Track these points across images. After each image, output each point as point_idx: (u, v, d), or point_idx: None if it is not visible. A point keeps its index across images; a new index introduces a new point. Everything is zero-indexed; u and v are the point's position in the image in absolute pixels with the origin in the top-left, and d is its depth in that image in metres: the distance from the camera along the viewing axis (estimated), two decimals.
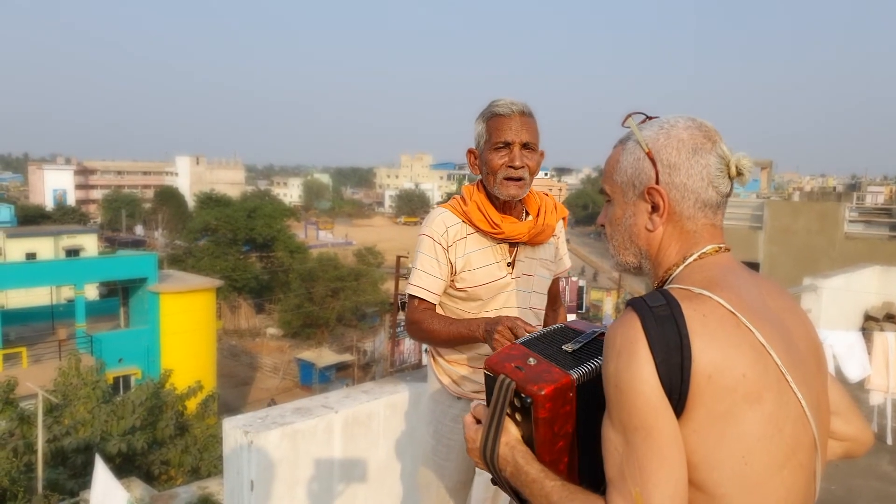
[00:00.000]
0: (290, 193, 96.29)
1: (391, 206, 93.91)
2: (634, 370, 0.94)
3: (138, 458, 12.53)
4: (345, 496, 2.63)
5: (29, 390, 12.79)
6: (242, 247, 39.38)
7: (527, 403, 1.06)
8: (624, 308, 1.02)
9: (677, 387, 0.93)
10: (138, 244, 49.45)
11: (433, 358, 2.22)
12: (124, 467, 11.66)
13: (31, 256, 29.83)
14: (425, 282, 2.09)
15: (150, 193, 74.71)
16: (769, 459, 0.95)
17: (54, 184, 66.75)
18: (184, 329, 20.64)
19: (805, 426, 1.00)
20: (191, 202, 57.38)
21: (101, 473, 6.66)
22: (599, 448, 1.00)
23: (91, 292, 25.66)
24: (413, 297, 2.12)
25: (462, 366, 2.15)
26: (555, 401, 1.05)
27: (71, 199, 66.03)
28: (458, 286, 2.10)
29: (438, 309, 2.16)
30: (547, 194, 2.25)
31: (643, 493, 0.91)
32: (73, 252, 31.37)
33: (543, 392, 1.04)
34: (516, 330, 1.84)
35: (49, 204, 59.94)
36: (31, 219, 44.68)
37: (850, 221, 15.28)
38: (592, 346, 1.15)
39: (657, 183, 1.09)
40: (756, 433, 0.94)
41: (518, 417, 1.11)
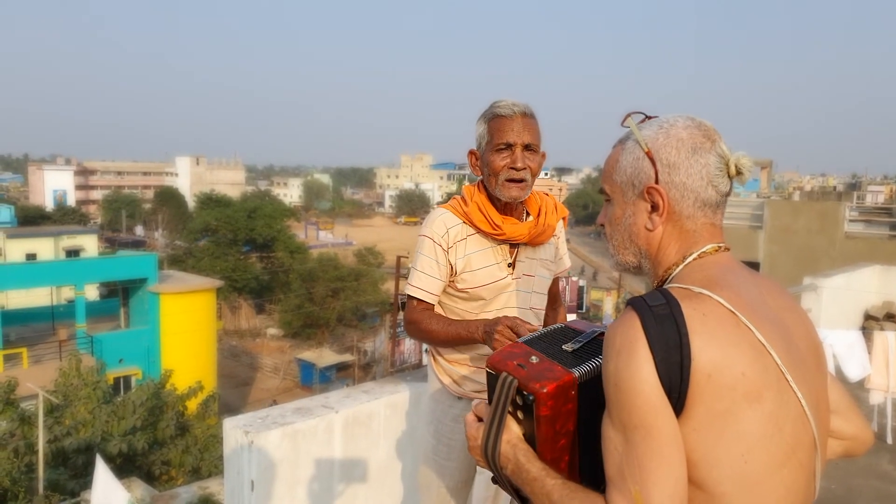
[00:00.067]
0: (291, 194, 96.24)
1: (391, 207, 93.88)
2: (634, 369, 0.94)
3: (139, 459, 12.54)
4: (345, 496, 2.63)
5: (29, 391, 12.80)
6: (243, 247, 39.37)
7: (529, 401, 1.06)
8: (624, 307, 1.02)
9: (677, 385, 0.93)
10: (138, 244, 49.50)
11: (433, 358, 2.22)
12: (125, 467, 11.67)
13: (32, 257, 29.84)
14: (424, 283, 2.10)
15: (151, 194, 74.67)
16: (769, 458, 0.95)
17: (54, 184, 66.74)
18: (184, 329, 20.64)
19: (805, 425, 1.00)
20: (191, 202, 57.37)
21: (102, 474, 6.68)
22: (600, 447, 1.00)
23: (91, 293, 25.68)
24: (412, 298, 2.12)
25: (462, 365, 2.15)
26: (557, 398, 1.06)
27: (71, 200, 66.02)
28: (460, 287, 2.10)
29: (438, 309, 2.17)
30: (547, 194, 2.24)
31: (643, 492, 0.92)
32: (74, 252, 31.36)
33: (546, 390, 1.05)
34: (517, 329, 1.84)
35: (49, 204, 59.93)
36: (32, 219, 44.66)
37: (851, 221, 15.28)
38: (592, 346, 1.16)
39: (657, 182, 1.09)
40: (756, 432, 0.94)
41: (520, 415, 1.11)
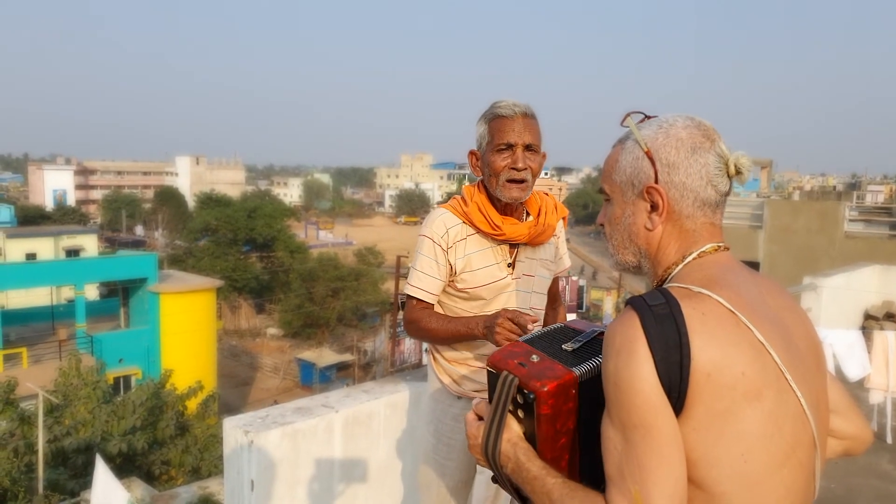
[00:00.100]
0: (291, 193, 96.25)
1: (391, 206, 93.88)
2: (634, 368, 0.94)
3: (139, 459, 12.53)
4: (345, 496, 2.63)
5: (29, 391, 12.79)
6: (243, 247, 39.37)
7: (529, 400, 1.07)
8: (623, 307, 1.02)
9: (676, 385, 0.93)
10: (138, 244, 49.48)
11: (433, 357, 2.23)
12: (125, 467, 11.66)
13: (31, 257, 29.83)
14: (424, 282, 2.10)
15: (150, 193, 74.68)
16: (768, 458, 0.96)
17: (54, 184, 66.74)
18: (184, 329, 20.64)
19: (804, 424, 1.00)
20: (191, 202, 57.37)
21: (102, 473, 6.68)
22: (600, 447, 1.00)
23: (91, 292, 25.66)
24: (411, 298, 2.13)
25: (462, 365, 2.15)
26: (557, 397, 1.06)
27: (71, 200, 66.03)
28: (459, 287, 2.10)
29: (438, 309, 2.17)
30: (547, 194, 2.24)
31: (642, 491, 0.92)
32: (73, 252, 31.36)
33: (546, 388, 1.05)
34: (518, 319, 1.84)
35: (49, 204, 59.93)
36: (31, 219, 44.66)
37: (850, 220, 15.27)
38: (592, 345, 1.16)
39: (656, 182, 1.09)
40: (755, 431, 0.94)
41: (520, 414, 1.11)
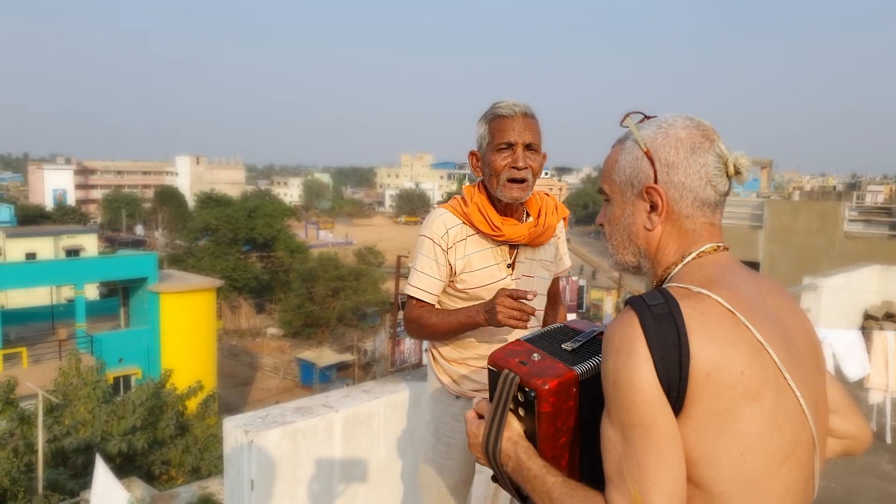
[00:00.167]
0: (291, 193, 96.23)
1: (391, 206, 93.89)
2: (633, 368, 0.95)
3: (139, 458, 12.53)
4: (345, 495, 2.64)
5: (29, 390, 12.79)
6: (243, 246, 39.37)
7: (530, 398, 1.07)
8: (623, 307, 1.02)
9: (676, 385, 0.94)
10: (138, 244, 49.47)
11: (433, 357, 2.23)
12: (125, 467, 11.66)
13: (31, 256, 29.82)
14: (424, 283, 2.10)
15: (150, 193, 74.69)
16: (768, 457, 0.96)
17: (54, 184, 66.77)
18: (184, 329, 20.64)
19: (804, 424, 1.00)
20: (191, 202, 57.35)
21: (102, 473, 6.67)
22: (600, 446, 1.01)
23: (91, 292, 25.66)
24: (411, 298, 2.13)
25: (461, 365, 2.15)
26: (558, 395, 1.06)
27: (71, 199, 66.04)
28: (459, 287, 2.10)
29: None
30: (548, 194, 2.24)
31: (641, 491, 0.92)
32: (73, 252, 31.36)
33: (547, 386, 1.05)
34: (516, 295, 1.86)
35: (49, 204, 59.93)
36: (31, 219, 44.65)
37: (850, 220, 15.27)
38: (592, 345, 1.16)
39: (655, 182, 1.09)
40: (755, 431, 0.94)
41: (521, 412, 1.12)
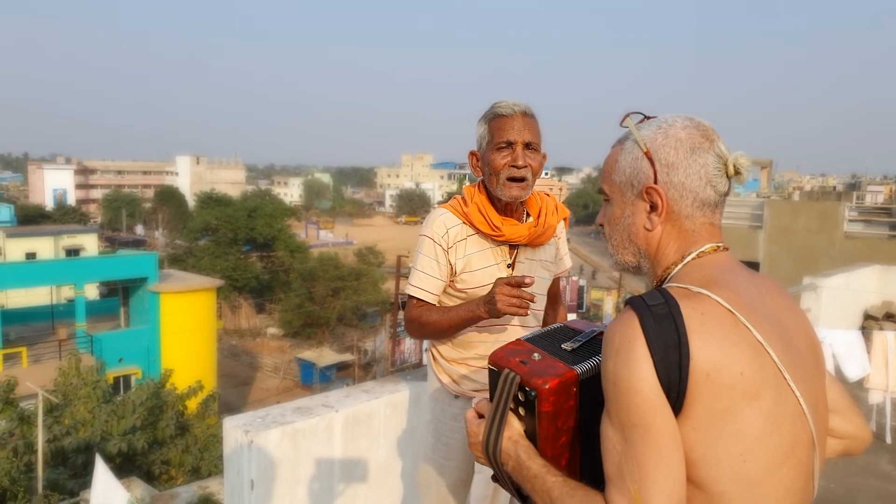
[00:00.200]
0: (291, 193, 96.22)
1: (392, 206, 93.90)
2: (633, 368, 0.95)
3: (139, 458, 12.52)
4: (345, 495, 2.64)
5: (29, 390, 12.78)
6: (243, 246, 39.36)
7: (531, 397, 1.07)
8: (623, 307, 1.02)
9: (675, 385, 0.94)
10: (138, 244, 49.50)
11: (433, 357, 2.23)
12: (125, 467, 11.65)
13: (31, 256, 29.81)
14: (424, 282, 2.10)
15: (151, 193, 74.71)
16: (767, 457, 0.96)
17: (54, 183, 66.77)
18: (184, 329, 20.63)
19: (803, 424, 1.00)
20: (191, 202, 57.35)
21: (102, 473, 6.67)
22: (600, 446, 1.01)
23: (91, 292, 25.66)
24: (412, 297, 2.13)
25: (461, 365, 2.16)
26: (559, 395, 1.06)
27: (71, 199, 66.02)
28: (459, 287, 2.10)
29: None
30: (548, 195, 2.24)
31: (641, 491, 0.92)
32: (73, 252, 31.35)
33: (548, 386, 1.05)
34: (513, 281, 1.86)
35: (49, 203, 59.93)
36: (31, 218, 44.63)
37: (850, 221, 15.27)
38: (592, 345, 1.16)
39: (655, 182, 1.09)
40: (754, 431, 0.94)
41: (521, 412, 1.12)
